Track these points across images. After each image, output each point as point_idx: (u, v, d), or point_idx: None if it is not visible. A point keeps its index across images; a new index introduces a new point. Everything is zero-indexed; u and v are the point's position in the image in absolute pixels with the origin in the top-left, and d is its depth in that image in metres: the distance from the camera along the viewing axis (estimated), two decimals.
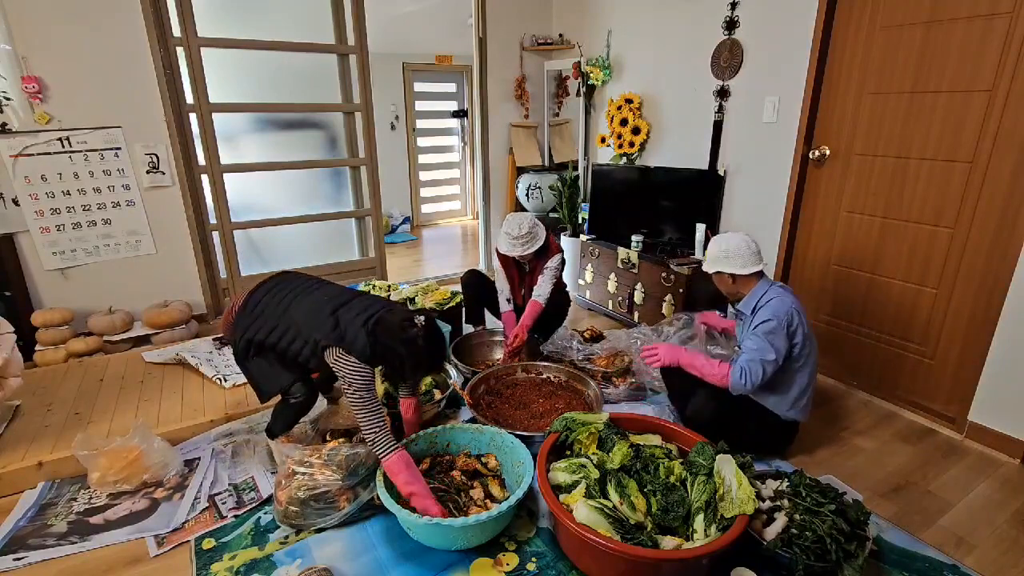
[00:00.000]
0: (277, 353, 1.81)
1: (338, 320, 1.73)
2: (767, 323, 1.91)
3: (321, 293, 1.85)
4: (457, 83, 6.60)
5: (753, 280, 2.05)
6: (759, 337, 1.91)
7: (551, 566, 1.60)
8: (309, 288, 1.89)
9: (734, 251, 2.01)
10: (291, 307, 1.81)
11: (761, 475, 1.74)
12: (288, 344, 1.77)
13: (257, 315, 1.83)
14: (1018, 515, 1.85)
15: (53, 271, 2.99)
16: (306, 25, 3.55)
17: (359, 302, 1.81)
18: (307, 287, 1.89)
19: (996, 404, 2.18)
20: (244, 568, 1.59)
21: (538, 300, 2.65)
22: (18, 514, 1.82)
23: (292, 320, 1.78)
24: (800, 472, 1.72)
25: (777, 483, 1.71)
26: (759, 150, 2.95)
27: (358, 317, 1.72)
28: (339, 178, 3.94)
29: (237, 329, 1.84)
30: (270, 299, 1.86)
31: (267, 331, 1.79)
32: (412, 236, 6.37)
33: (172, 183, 3.17)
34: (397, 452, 1.65)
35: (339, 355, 1.68)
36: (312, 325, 1.74)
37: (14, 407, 2.29)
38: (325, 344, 1.70)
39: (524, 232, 2.55)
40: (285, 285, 1.91)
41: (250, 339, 1.81)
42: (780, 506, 1.60)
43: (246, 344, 1.82)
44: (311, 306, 1.79)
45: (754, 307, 2.01)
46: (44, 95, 2.78)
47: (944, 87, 2.20)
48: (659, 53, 3.45)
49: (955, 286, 2.28)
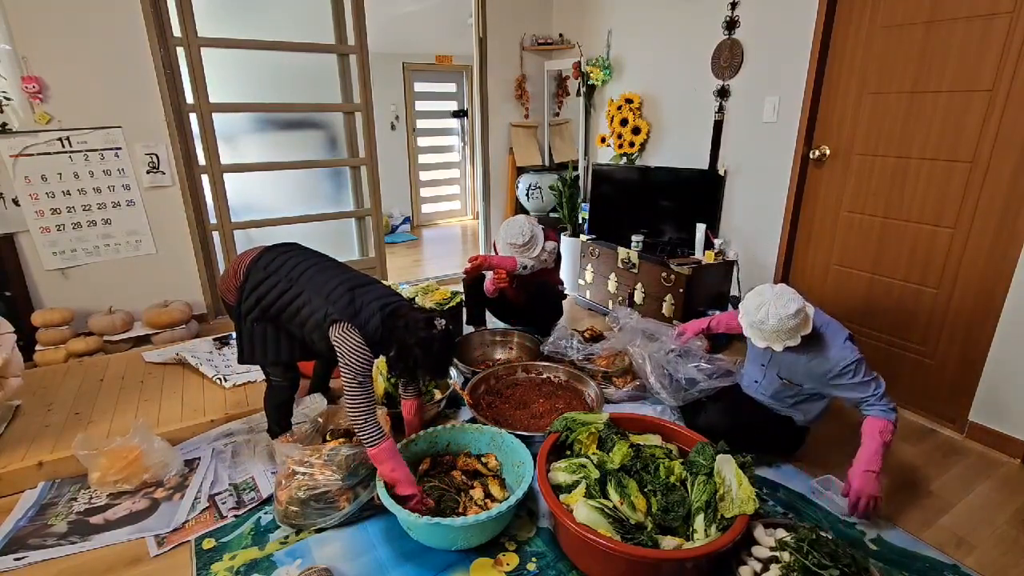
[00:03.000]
0: (282, 320, 1.76)
1: (354, 297, 1.69)
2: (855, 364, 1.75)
3: (339, 270, 1.81)
4: (457, 83, 6.60)
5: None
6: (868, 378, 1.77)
7: (551, 566, 1.60)
8: (325, 262, 1.85)
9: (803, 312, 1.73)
10: (306, 273, 1.75)
11: (774, 523, 1.59)
12: (298, 309, 1.71)
13: (271, 272, 1.76)
14: (1018, 515, 1.85)
15: (53, 271, 2.99)
16: (306, 25, 3.55)
17: (378, 288, 1.79)
18: (324, 260, 1.85)
19: (996, 404, 2.18)
20: (244, 568, 1.59)
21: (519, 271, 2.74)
22: (18, 514, 1.82)
23: (306, 286, 1.72)
24: (814, 527, 1.50)
25: (787, 533, 1.53)
26: (759, 150, 2.95)
27: (376, 301, 1.70)
28: (339, 178, 3.93)
29: (248, 284, 1.77)
30: (285, 259, 1.80)
31: (279, 292, 1.73)
32: (412, 236, 6.37)
33: (172, 183, 3.17)
34: (385, 441, 1.64)
35: (346, 330, 1.62)
36: (326, 296, 1.69)
37: (14, 407, 2.29)
38: (336, 318, 1.64)
39: (526, 240, 2.61)
40: (301, 252, 1.86)
41: (260, 297, 1.74)
42: (779, 558, 1.44)
43: (255, 302, 1.75)
44: (328, 278, 1.74)
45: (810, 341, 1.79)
46: (44, 95, 2.78)
47: (944, 87, 2.20)
48: (659, 53, 3.45)
49: (955, 286, 2.28)
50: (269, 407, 2.03)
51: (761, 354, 2.01)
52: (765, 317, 1.74)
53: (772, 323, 1.73)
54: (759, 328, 1.78)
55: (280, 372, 1.92)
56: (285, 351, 1.85)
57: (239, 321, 1.83)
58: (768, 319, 1.73)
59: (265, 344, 1.83)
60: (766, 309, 1.74)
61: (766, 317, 1.74)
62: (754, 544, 1.52)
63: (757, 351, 2.03)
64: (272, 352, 1.84)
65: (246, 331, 1.82)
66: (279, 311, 1.75)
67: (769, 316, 1.73)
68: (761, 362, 2.06)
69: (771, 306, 1.74)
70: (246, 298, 1.78)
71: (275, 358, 1.85)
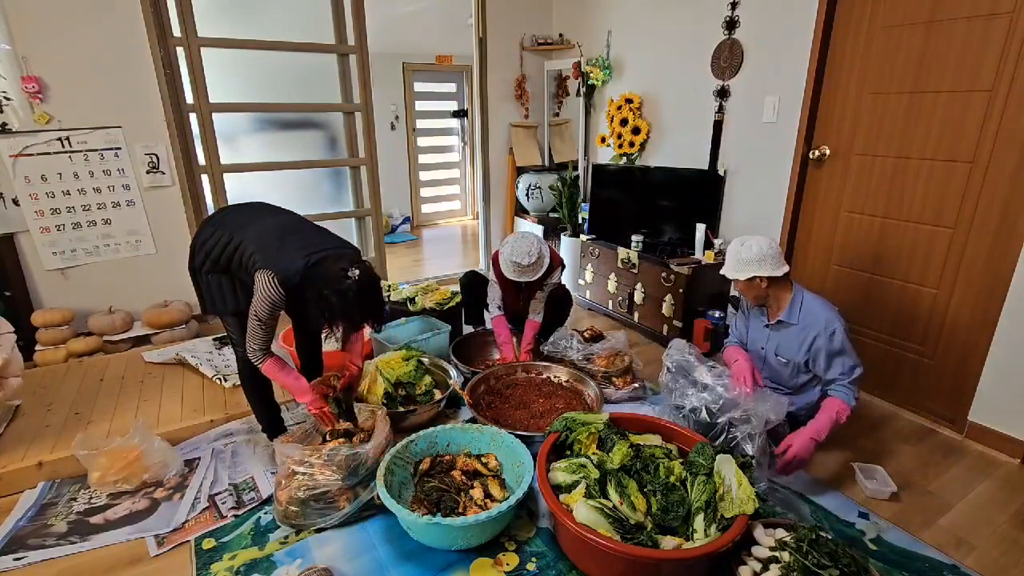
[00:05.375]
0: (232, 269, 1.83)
1: (282, 244, 1.73)
2: (837, 334, 1.93)
3: (282, 217, 1.89)
4: (457, 83, 6.60)
5: (788, 284, 2.03)
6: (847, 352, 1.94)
7: (551, 566, 1.60)
8: (275, 211, 1.93)
9: (766, 254, 1.95)
10: (250, 223, 1.82)
11: (774, 523, 1.60)
12: (241, 258, 1.77)
13: (218, 226, 1.85)
14: (1018, 515, 1.85)
15: (53, 271, 2.99)
16: (306, 25, 3.55)
17: (314, 236, 1.81)
18: (274, 211, 1.94)
19: (996, 404, 2.18)
20: (244, 568, 1.59)
21: (536, 320, 2.68)
22: (18, 514, 1.82)
23: (244, 235, 1.79)
24: (814, 528, 1.49)
25: (786, 533, 1.53)
26: (759, 150, 2.95)
27: (302, 250, 1.72)
28: (339, 178, 3.93)
29: (198, 240, 1.86)
30: (236, 215, 1.90)
31: (224, 244, 1.80)
32: (412, 236, 6.37)
33: (172, 183, 3.17)
34: (267, 359, 1.80)
35: (265, 277, 1.68)
36: (256, 242, 1.75)
37: (14, 407, 2.29)
38: (260, 265, 1.69)
39: (533, 261, 2.44)
40: (254, 207, 1.96)
41: (209, 251, 1.82)
42: (778, 558, 1.44)
43: (204, 256, 1.84)
44: (266, 226, 1.81)
45: (797, 313, 2.01)
46: (44, 95, 2.78)
47: (944, 87, 2.20)
48: (659, 53, 3.45)
49: (955, 286, 2.28)
50: (249, 394, 2.07)
51: (759, 338, 2.17)
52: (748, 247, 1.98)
53: (754, 249, 1.96)
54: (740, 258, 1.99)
55: (238, 331, 1.92)
56: (243, 299, 1.87)
57: (194, 277, 1.91)
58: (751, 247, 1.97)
59: (223, 293, 1.88)
60: (748, 243, 1.99)
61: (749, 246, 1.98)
62: (754, 544, 1.52)
63: (755, 335, 2.18)
64: (231, 301, 1.89)
65: (203, 283, 1.90)
66: (227, 261, 1.81)
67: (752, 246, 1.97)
68: (761, 345, 2.16)
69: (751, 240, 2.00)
70: (196, 253, 1.86)
71: (235, 307, 1.90)
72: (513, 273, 2.50)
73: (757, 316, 2.19)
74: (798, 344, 2.03)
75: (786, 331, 2.07)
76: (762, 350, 2.17)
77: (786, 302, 2.05)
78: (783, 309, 2.05)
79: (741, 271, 1.99)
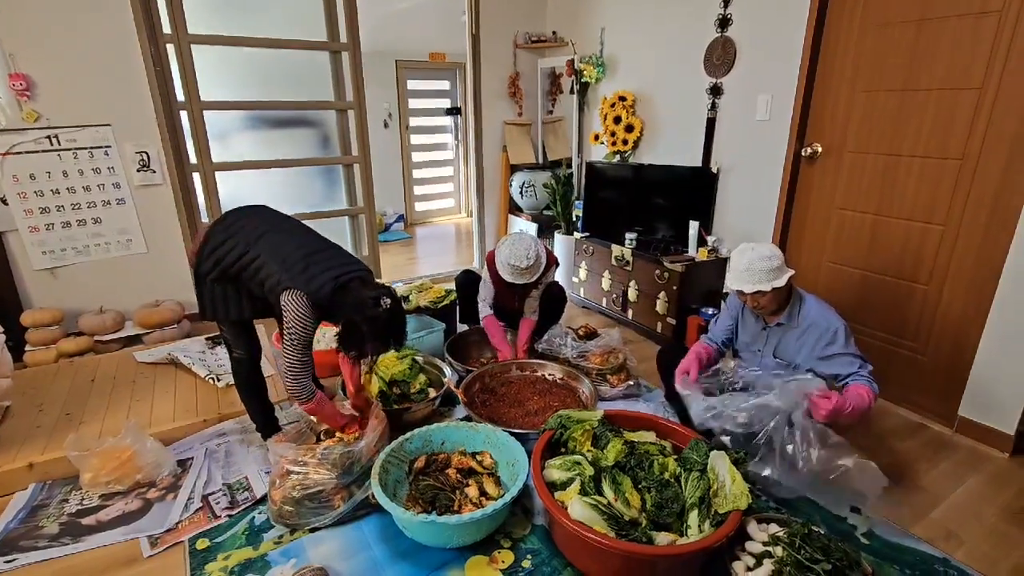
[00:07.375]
0: (242, 279, 1.80)
1: (308, 264, 1.72)
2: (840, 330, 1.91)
3: (299, 233, 1.87)
4: (451, 80, 6.58)
5: (787, 286, 1.98)
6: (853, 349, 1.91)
7: (546, 563, 1.60)
8: (286, 224, 1.90)
9: (781, 260, 1.88)
10: (265, 236, 1.78)
11: (767, 518, 1.62)
12: (256, 271, 1.75)
13: (232, 233, 1.79)
14: (1007, 508, 1.87)
15: (42, 271, 2.96)
16: (298, 22, 3.52)
17: (334, 256, 1.81)
18: (286, 223, 1.91)
19: (986, 399, 2.21)
20: (238, 568, 1.59)
21: (532, 318, 2.69)
22: (9, 516, 1.81)
23: (263, 249, 1.76)
24: (806, 523, 1.52)
25: (780, 529, 1.55)
26: (752, 147, 2.96)
27: (329, 272, 1.72)
28: (332, 176, 3.91)
29: (208, 246, 1.80)
30: (247, 221, 1.84)
31: (238, 254, 1.76)
32: (406, 234, 6.35)
33: (163, 181, 3.14)
34: (314, 398, 1.81)
35: (295, 297, 1.67)
36: (282, 261, 1.72)
37: (4, 408, 2.26)
38: (288, 284, 1.68)
39: (531, 264, 2.44)
40: (264, 214, 1.92)
41: (219, 259, 1.78)
42: (771, 553, 1.46)
43: (214, 264, 1.79)
44: (285, 241, 1.78)
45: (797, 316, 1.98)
46: (32, 93, 2.74)
47: (935, 84, 2.22)
48: (652, 51, 3.46)
49: (946, 282, 2.30)
50: (244, 396, 2.07)
51: (754, 339, 2.12)
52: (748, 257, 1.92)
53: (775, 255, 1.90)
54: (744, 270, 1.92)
55: (235, 335, 1.93)
56: (248, 309, 1.88)
57: (198, 282, 1.86)
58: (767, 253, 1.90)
59: (226, 302, 1.86)
60: (748, 253, 1.93)
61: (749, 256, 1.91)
62: (747, 539, 1.53)
63: (750, 337, 2.14)
64: (235, 311, 1.87)
65: (206, 291, 1.86)
66: (239, 272, 1.79)
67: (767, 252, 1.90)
68: (757, 347, 2.12)
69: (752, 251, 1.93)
70: (205, 259, 1.81)
71: (237, 316, 1.89)
72: (510, 275, 2.49)
73: (752, 317, 2.14)
74: (798, 346, 1.99)
75: (785, 333, 2.02)
76: (759, 352, 2.12)
77: (786, 304, 2.01)
78: (783, 311, 2.01)
79: (776, 279, 1.87)
